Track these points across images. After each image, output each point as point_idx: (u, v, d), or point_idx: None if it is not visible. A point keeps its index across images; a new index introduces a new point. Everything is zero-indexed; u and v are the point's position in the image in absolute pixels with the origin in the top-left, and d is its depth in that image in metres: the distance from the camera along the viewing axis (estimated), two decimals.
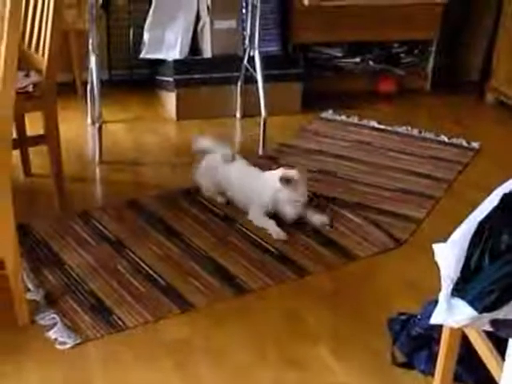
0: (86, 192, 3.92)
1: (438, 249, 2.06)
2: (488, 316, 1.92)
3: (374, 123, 4.96)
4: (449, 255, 2.00)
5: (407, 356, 2.71)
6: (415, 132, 4.85)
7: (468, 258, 1.98)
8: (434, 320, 2.02)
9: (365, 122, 4.99)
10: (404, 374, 2.67)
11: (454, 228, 3.67)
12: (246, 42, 4.68)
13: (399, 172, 4.28)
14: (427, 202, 3.93)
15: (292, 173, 3.55)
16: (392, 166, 4.34)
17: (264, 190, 3.59)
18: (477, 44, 5.79)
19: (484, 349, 2.22)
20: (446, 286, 1.99)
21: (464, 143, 4.70)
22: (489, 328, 2.01)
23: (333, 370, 2.67)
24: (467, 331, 2.30)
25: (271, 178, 3.59)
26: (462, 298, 1.94)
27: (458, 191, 4.11)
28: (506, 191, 1.99)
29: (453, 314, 1.95)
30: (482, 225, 1.98)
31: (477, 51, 5.79)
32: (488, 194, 3.97)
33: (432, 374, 2.60)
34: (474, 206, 3.81)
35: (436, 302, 2.59)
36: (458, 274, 1.99)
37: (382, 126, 4.92)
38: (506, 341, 2.05)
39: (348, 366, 2.69)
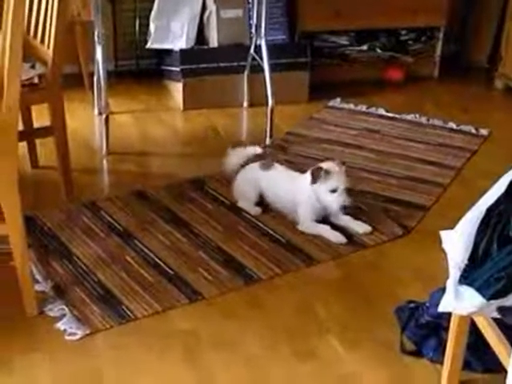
0: (94, 183, 3.92)
1: (446, 236, 2.05)
2: (496, 303, 1.91)
3: (382, 111, 4.93)
4: (456, 242, 2.00)
5: (416, 344, 2.70)
6: (423, 119, 4.83)
7: (476, 245, 1.97)
8: (442, 308, 2.01)
9: (373, 109, 4.97)
10: (413, 363, 2.66)
11: (462, 216, 3.68)
12: (253, 30, 4.67)
13: (407, 159, 4.26)
14: (435, 190, 3.91)
15: (321, 165, 3.42)
16: (400, 154, 4.32)
17: (303, 193, 3.45)
18: (485, 30, 5.76)
19: (493, 336, 2.22)
20: (454, 273, 1.98)
21: (473, 130, 4.68)
22: (497, 315, 2.00)
23: (343, 360, 2.66)
24: (476, 318, 2.29)
25: (304, 178, 3.46)
26: (470, 285, 1.93)
27: (467, 179, 4.09)
28: None
29: (461, 302, 1.94)
30: (490, 211, 1.97)
31: (485, 37, 5.75)
32: (495, 182, 3.98)
33: (441, 362, 2.59)
34: (482, 194, 3.81)
35: (444, 289, 2.59)
36: (466, 262, 1.98)
37: (390, 114, 4.90)
38: None
39: (358, 356, 2.68)
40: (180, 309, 2.89)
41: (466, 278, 1.96)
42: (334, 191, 3.37)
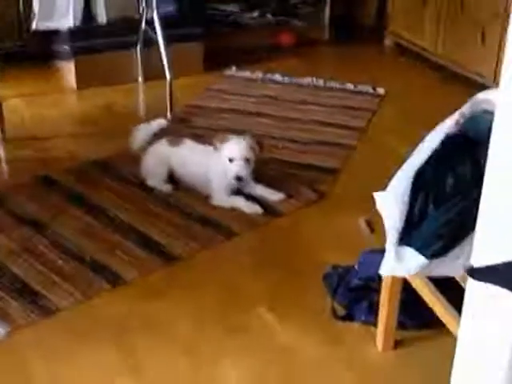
0: None
1: (379, 198, 2.03)
2: (437, 262, 1.92)
3: (278, 77, 4.92)
4: (391, 204, 1.98)
5: (347, 308, 2.70)
6: (320, 82, 4.84)
7: (412, 205, 1.96)
8: (383, 271, 2.01)
9: (269, 76, 4.94)
10: (346, 327, 2.66)
11: (374, 176, 3.71)
12: (143, 3, 4.54)
13: (310, 124, 4.26)
14: (343, 152, 3.93)
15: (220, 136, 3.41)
16: (302, 119, 4.32)
17: (214, 167, 3.39)
18: None
19: (428, 293, 2.23)
20: (392, 235, 1.97)
21: (370, 90, 4.72)
22: (435, 274, 2.01)
23: (276, 331, 2.63)
24: (409, 278, 2.30)
25: (213, 151, 3.41)
26: (410, 245, 1.93)
27: (372, 138, 4.13)
28: (444, 134, 1.96)
29: (402, 263, 1.94)
30: (422, 170, 1.96)
31: None
32: (401, 139, 4.04)
33: (373, 324, 2.61)
34: (388, 152, 3.89)
35: (372, 251, 2.61)
36: (403, 223, 1.97)
37: (286, 79, 4.89)
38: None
39: (289, 326, 2.66)
40: (103, 295, 2.80)
41: (405, 239, 1.95)
42: (231, 160, 3.33)
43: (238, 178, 3.33)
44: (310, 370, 2.47)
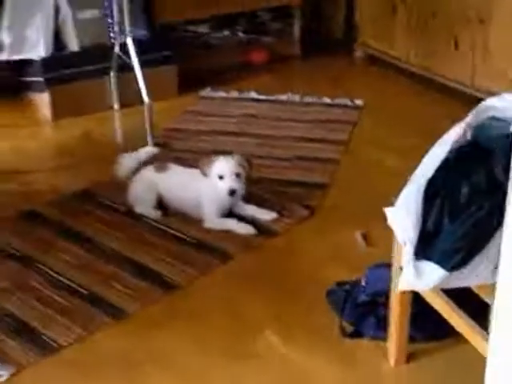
0: None
1: (391, 213, 2.00)
2: (456, 273, 1.89)
3: (254, 95, 4.89)
4: (403, 219, 1.95)
5: (354, 325, 2.67)
6: (297, 98, 4.82)
7: (424, 218, 1.94)
8: (402, 286, 1.98)
9: (245, 94, 4.91)
10: (355, 344, 2.63)
11: (361, 188, 3.70)
12: (116, 29, 4.49)
13: (292, 140, 4.23)
14: (328, 166, 3.91)
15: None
16: (284, 136, 4.29)
17: (204, 189, 3.35)
18: (338, 2, 5.82)
19: (442, 304, 2.20)
20: (408, 249, 1.93)
21: (348, 102, 4.71)
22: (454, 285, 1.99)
23: (285, 354, 2.59)
24: (421, 291, 2.27)
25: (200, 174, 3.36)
26: (429, 259, 1.90)
27: (355, 150, 4.11)
28: (451, 144, 1.94)
29: (421, 277, 1.90)
30: (433, 181, 1.94)
31: (339, 9, 5.81)
32: (384, 150, 4.03)
33: (382, 339, 2.58)
34: (373, 164, 3.88)
35: (378, 266, 2.58)
36: (417, 236, 1.94)
37: (262, 97, 4.86)
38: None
39: (298, 348, 2.61)
40: (105, 329, 2.73)
41: (421, 253, 1.92)
42: (221, 178, 3.28)
43: (232, 192, 3.27)
44: None
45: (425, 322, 2.52)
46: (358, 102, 4.70)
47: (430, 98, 4.80)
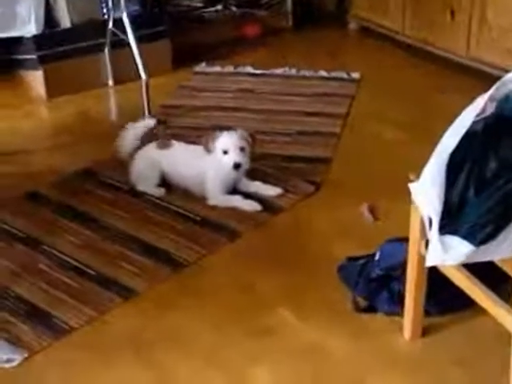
0: None
1: (415, 188, 1.98)
2: (483, 248, 1.87)
3: (249, 69, 4.84)
4: (428, 193, 1.93)
5: (367, 300, 2.66)
6: (293, 72, 4.78)
7: (448, 191, 1.91)
8: (431, 261, 1.96)
9: (240, 69, 4.86)
10: (369, 318, 2.63)
11: (364, 162, 3.69)
12: (110, 4, 4.42)
13: (291, 114, 4.20)
14: (330, 140, 3.88)
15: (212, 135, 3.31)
16: (282, 110, 4.26)
17: (208, 166, 3.31)
18: None
19: (463, 279, 2.19)
20: (435, 224, 1.91)
21: (344, 75, 4.68)
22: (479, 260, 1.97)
23: (300, 330, 2.58)
24: (441, 266, 2.25)
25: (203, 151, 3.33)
26: (455, 233, 1.88)
27: (355, 124, 4.09)
28: (473, 116, 1.91)
29: (449, 252, 1.88)
30: (457, 155, 1.91)
31: None
32: (383, 123, 4.01)
33: (396, 314, 2.57)
34: (373, 136, 3.87)
35: (391, 241, 2.57)
36: (441, 209, 1.92)
37: (258, 71, 4.81)
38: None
39: (312, 323, 2.61)
40: (116, 310, 2.71)
41: (447, 227, 1.90)
42: (225, 152, 3.25)
43: (237, 166, 3.24)
44: (341, 365, 2.43)
45: (440, 296, 2.51)
46: (355, 74, 4.67)
47: (426, 69, 4.78)
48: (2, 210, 3.34)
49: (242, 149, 3.25)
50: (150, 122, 3.68)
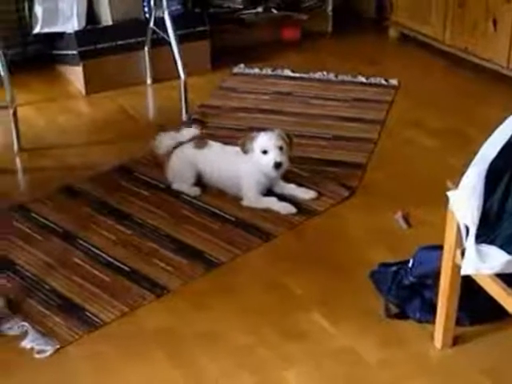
0: (13, 185, 3.64)
1: (453, 196, 1.97)
2: None
3: (288, 72, 4.84)
4: (466, 202, 1.92)
5: (399, 306, 2.65)
6: (332, 76, 4.77)
7: (487, 202, 1.91)
8: (466, 270, 1.95)
9: (279, 71, 4.86)
10: (401, 325, 2.62)
11: (400, 169, 3.68)
12: (152, 3, 4.45)
13: (328, 119, 4.19)
14: (366, 146, 3.87)
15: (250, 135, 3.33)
16: (320, 114, 4.25)
17: (244, 167, 3.33)
18: None
19: (497, 289, 2.17)
20: (471, 233, 1.91)
21: (383, 81, 4.66)
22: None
23: (331, 334, 2.58)
24: (474, 275, 2.24)
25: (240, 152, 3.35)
26: (492, 243, 1.87)
27: (392, 130, 4.07)
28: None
29: (485, 261, 1.87)
30: (496, 165, 1.90)
31: None
32: (421, 131, 4.00)
33: (428, 321, 2.57)
34: (410, 144, 3.85)
35: (425, 248, 2.56)
36: (478, 219, 1.92)
37: (297, 74, 4.81)
38: None
39: (345, 327, 2.61)
40: (147, 306, 2.73)
41: (484, 236, 1.89)
42: (265, 152, 3.25)
43: (277, 165, 3.24)
44: (372, 371, 2.43)
45: (472, 305, 2.50)
46: (393, 81, 4.65)
47: (465, 78, 4.74)
48: (38, 203, 3.39)
49: (280, 148, 3.26)
50: (193, 130, 3.67)
